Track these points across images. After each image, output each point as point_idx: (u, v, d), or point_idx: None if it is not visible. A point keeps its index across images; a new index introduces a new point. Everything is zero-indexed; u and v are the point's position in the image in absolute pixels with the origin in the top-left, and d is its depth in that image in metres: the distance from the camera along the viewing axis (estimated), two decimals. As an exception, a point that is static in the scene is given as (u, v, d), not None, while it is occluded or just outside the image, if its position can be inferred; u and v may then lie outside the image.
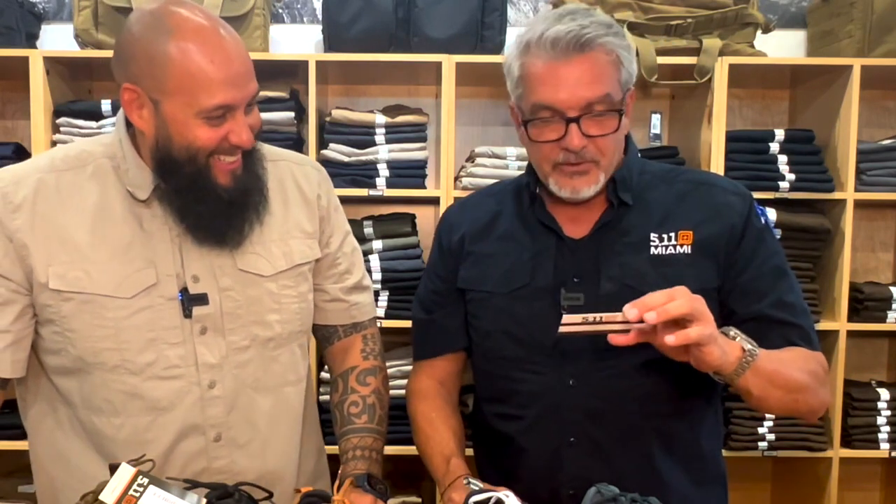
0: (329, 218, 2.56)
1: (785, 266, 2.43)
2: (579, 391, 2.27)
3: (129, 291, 2.21)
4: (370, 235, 4.42)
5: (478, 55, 4.26)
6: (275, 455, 2.42)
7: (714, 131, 4.27)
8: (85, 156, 2.30)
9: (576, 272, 2.39)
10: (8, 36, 4.22)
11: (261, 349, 2.37)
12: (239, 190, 2.24)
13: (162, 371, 2.25)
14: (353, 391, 2.56)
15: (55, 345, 2.24)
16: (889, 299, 4.43)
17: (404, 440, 4.26)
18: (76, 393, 2.28)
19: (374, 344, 2.67)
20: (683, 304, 1.96)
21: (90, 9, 4.20)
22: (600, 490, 1.99)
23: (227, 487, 1.91)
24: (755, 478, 5.04)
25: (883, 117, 4.90)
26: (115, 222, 2.24)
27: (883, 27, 4.27)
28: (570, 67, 2.23)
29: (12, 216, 2.18)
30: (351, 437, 2.48)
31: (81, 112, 4.30)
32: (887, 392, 4.48)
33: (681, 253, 2.36)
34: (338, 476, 2.33)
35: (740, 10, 4.28)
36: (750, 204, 2.42)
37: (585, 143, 2.25)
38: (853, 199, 4.32)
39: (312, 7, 4.78)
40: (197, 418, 2.29)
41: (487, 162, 4.37)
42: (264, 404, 2.39)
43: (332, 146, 4.35)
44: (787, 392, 2.22)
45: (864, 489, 5.04)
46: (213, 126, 2.12)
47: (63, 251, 2.19)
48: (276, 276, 2.38)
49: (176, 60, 2.06)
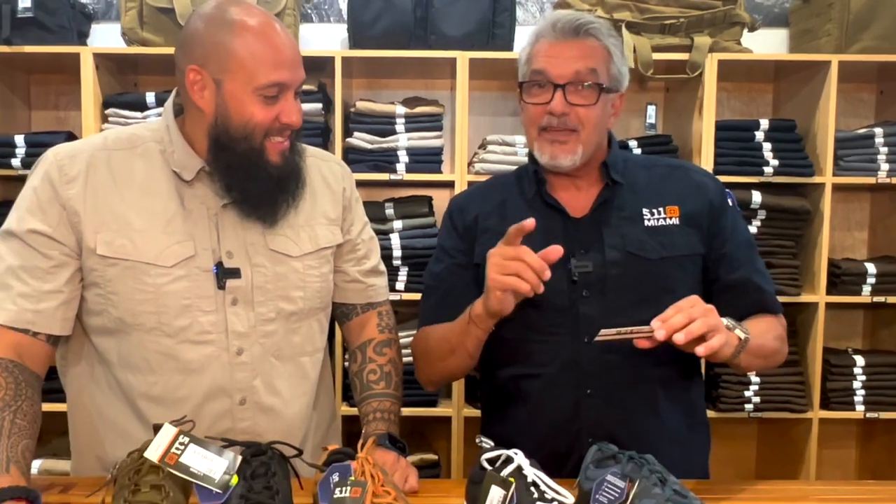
0: (351, 208, 2.59)
1: (753, 240, 2.65)
2: (594, 347, 2.28)
3: (169, 261, 2.23)
4: (391, 216, 4.43)
5: (489, 52, 4.28)
6: (292, 418, 2.43)
7: (704, 121, 4.29)
8: (135, 138, 2.34)
9: (582, 245, 2.45)
10: (61, 34, 4.22)
11: (284, 321, 2.38)
12: (286, 169, 2.29)
13: (195, 336, 2.26)
14: (371, 360, 2.59)
15: (98, 306, 2.25)
16: (864, 274, 4.43)
17: (420, 403, 4.31)
18: (114, 352, 2.29)
19: (389, 319, 2.69)
20: (702, 324, 2.05)
21: (136, 9, 4.22)
22: (601, 448, 1.99)
23: (261, 445, 1.90)
24: (742, 437, 5.05)
25: (859, 108, 4.91)
26: (159, 198, 2.27)
27: (858, 26, 4.30)
28: (566, 45, 2.40)
29: (67, 187, 2.21)
30: (371, 401, 2.50)
31: (128, 103, 4.30)
32: (862, 359, 4.50)
33: (671, 224, 2.48)
34: (361, 436, 2.31)
35: (728, 10, 4.30)
36: (721, 185, 2.61)
37: (567, 110, 2.38)
38: (831, 182, 4.33)
39: (338, 7, 4.78)
40: (225, 381, 2.31)
41: (498, 149, 4.37)
42: (284, 371, 2.41)
43: (356, 135, 4.36)
44: (765, 359, 2.43)
45: (841, 447, 5.05)
46: (268, 104, 2.19)
47: (111, 221, 2.22)
48: (303, 257, 2.41)
49: (238, 44, 2.15)
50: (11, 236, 2.21)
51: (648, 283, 2.41)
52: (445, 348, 2.48)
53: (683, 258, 2.46)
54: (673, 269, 2.44)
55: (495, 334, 2.46)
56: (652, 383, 2.45)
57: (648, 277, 2.41)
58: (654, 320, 2.08)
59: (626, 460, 1.91)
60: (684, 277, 2.45)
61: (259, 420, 2.36)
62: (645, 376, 2.41)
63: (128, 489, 1.74)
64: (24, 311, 2.15)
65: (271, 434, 2.27)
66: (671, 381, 2.49)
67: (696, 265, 2.48)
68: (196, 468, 1.78)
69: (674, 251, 2.44)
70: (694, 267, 2.48)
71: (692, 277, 2.48)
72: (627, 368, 2.39)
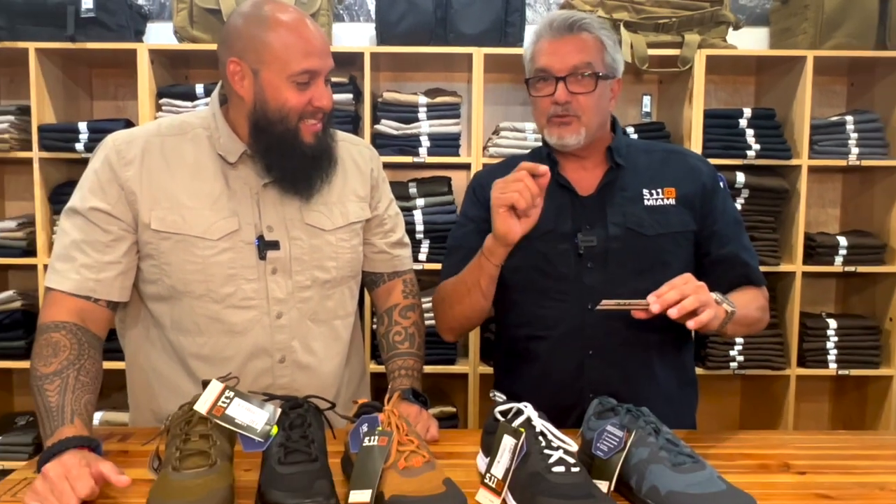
0: (378, 187, 2.59)
1: (741, 218, 2.62)
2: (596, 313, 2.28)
3: (216, 234, 2.24)
4: (414, 195, 4.44)
5: (502, 48, 4.28)
6: (326, 375, 2.44)
7: (694, 110, 4.29)
8: (185, 125, 2.35)
9: (588, 221, 2.47)
10: (119, 32, 4.22)
11: (319, 288, 2.39)
12: (319, 149, 2.30)
13: (239, 301, 2.28)
14: (396, 323, 2.59)
15: (152, 276, 2.27)
16: (836, 246, 4.44)
17: (439, 361, 4.33)
18: (167, 316, 2.31)
19: (413, 286, 2.69)
20: (694, 300, 2.05)
21: (186, 10, 4.23)
22: (601, 402, 1.99)
23: (298, 399, 1.89)
24: (727, 392, 5.07)
25: (832, 99, 4.91)
26: (207, 179, 2.28)
27: (831, 25, 4.33)
28: (562, 42, 2.43)
29: (125, 169, 2.22)
30: (396, 359, 2.52)
31: (179, 94, 4.32)
32: (835, 322, 4.51)
33: (668, 204, 2.49)
34: (387, 391, 2.33)
35: (715, 11, 4.32)
36: (713, 168, 2.61)
37: (569, 99, 2.41)
38: (807, 165, 4.34)
39: (367, 8, 4.77)
40: (266, 342, 2.32)
41: (509, 135, 4.37)
42: (319, 333, 2.42)
43: (383, 122, 4.36)
44: (748, 327, 2.42)
45: (816, 401, 5.07)
46: (300, 90, 2.21)
47: (164, 199, 2.23)
48: (335, 230, 2.41)
49: (272, 37, 2.18)
50: (75, 213, 2.22)
51: (646, 256, 2.43)
52: (462, 290, 2.50)
53: (677, 235, 2.47)
54: (668, 244, 2.45)
55: (509, 297, 2.52)
56: (648, 347, 2.46)
57: (646, 252, 2.43)
58: (651, 295, 2.09)
59: (623, 412, 1.91)
60: (678, 252, 2.47)
61: (297, 377, 2.37)
62: (641, 341, 2.42)
63: (179, 438, 1.74)
64: (87, 280, 2.17)
65: (307, 389, 2.28)
66: (665, 345, 2.51)
67: (688, 241, 2.50)
68: (240, 419, 1.78)
69: (669, 228, 2.45)
70: (687, 242, 2.49)
71: (685, 252, 2.49)
72: (626, 333, 2.40)
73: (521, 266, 2.50)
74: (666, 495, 1.68)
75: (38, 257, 4.29)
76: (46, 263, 2.73)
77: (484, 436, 1.98)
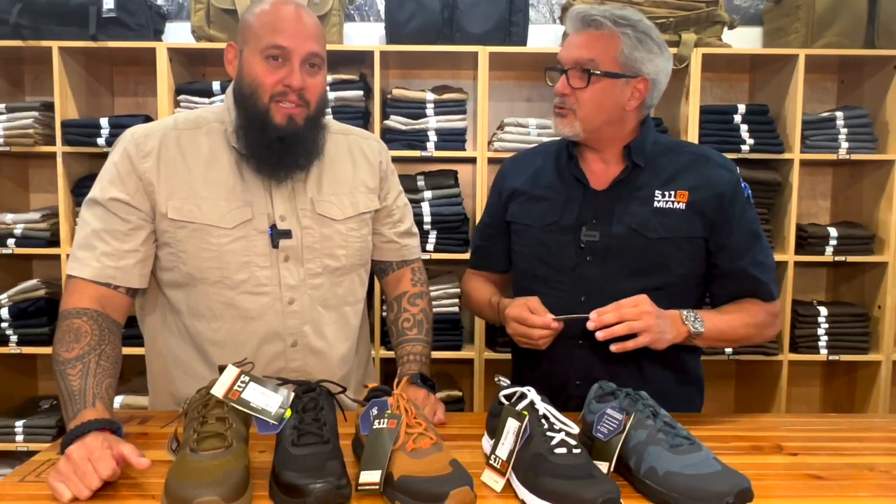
0: (387, 178, 2.58)
1: (760, 231, 2.48)
2: (590, 305, 2.24)
3: (230, 223, 2.24)
4: (422, 187, 4.42)
5: (506, 46, 4.26)
6: (336, 360, 2.44)
7: (690, 106, 4.29)
8: (200, 119, 2.36)
9: (594, 215, 2.44)
10: (139, 32, 4.22)
11: (329, 276, 2.39)
12: (290, 132, 2.22)
13: (253, 288, 2.28)
14: (405, 310, 2.60)
15: (170, 263, 2.27)
16: (826, 237, 4.43)
17: (447, 347, 4.33)
18: (184, 302, 2.31)
19: (421, 274, 2.69)
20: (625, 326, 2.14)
21: (203, 10, 4.23)
22: (601, 386, 1.99)
23: (310, 383, 1.89)
24: (722, 377, 5.06)
25: (822, 95, 4.90)
26: (221, 170, 2.28)
27: (822, 25, 4.32)
28: (576, 36, 2.40)
29: (143, 161, 2.23)
30: (405, 345, 2.52)
31: (196, 91, 4.32)
32: (825, 309, 4.51)
33: (677, 208, 2.39)
34: (396, 375, 2.33)
35: (710, 11, 4.31)
36: (737, 178, 2.45)
37: (568, 92, 2.38)
38: (799, 158, 4.33)
39: (377, 8, 4.75)
40: (279, 327, 2.32)
41: (513, 130, 4.35)
42: (330, 319, 2.42)
43: (392, 117, 4.36)
44: (731, 342, 2.46)
45: (808, 385, 5.07)
46: (272, 68, 2.18)
47: (180, 189, 2.24)
48: (345, 220, 2.41)
49: (253, 17, 2.22)
50: (95, 204, 2.22)
51: (645, 257, 2.39)
52: (484, 315, 2.70)
53: (682, 240, 2.39)
54: (670, 248, 2.39)
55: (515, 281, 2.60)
56: None
57: (646, 253, 2.38)
58: (594, 311, 2.18)
59: (623, 396, 1.91)
60: (680, 256, 2.40)
61: (308, 361, 2.37)
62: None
63: (197, 421, 1.74)
64: (107, 268, 2.17)
65: (319, 373, 2.32)
66: None
67: (694, 246, 2.41)
68: (255, 403, 1.78)
69: (674, 232, 2.38)
70: (692, 248, 2.41)
71: (688, 257, 2.42)
72: None
73: (527, 254, 2.53)
74: (663, 475, 1.68)
75: (62, 247, 4.31)
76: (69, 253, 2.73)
77: (489, 418, 1.98)
